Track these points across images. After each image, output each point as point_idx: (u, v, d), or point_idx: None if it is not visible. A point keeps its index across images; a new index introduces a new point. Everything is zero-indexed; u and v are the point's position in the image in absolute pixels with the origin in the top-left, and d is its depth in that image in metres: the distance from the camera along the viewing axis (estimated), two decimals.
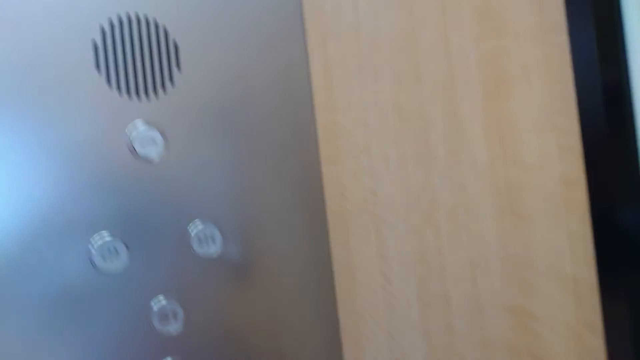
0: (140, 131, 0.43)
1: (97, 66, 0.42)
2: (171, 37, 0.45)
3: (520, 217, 0.26)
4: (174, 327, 0.45)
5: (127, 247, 0.44)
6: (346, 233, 0.45)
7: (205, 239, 0.46)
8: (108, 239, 0.43)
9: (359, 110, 0.42)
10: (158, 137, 0.44)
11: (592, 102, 0.21)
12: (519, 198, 0.26)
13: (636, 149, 0.22)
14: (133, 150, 0.43)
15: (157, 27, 0.44)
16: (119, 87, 0.43)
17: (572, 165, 0.23)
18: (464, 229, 0.31)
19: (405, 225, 0.36)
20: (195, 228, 0.45)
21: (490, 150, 0.28)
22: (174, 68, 0.45)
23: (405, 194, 0.37)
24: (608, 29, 0.19)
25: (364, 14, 0.39)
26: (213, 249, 0.46)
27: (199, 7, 0.46)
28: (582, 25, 0.20)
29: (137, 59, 0.44)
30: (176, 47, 0.45)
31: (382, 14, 0.37)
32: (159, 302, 0.44)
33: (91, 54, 0.42)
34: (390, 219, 0.38)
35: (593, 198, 0.22)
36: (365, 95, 0.40)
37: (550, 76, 0.24)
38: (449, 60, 0.31)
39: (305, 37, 0.49)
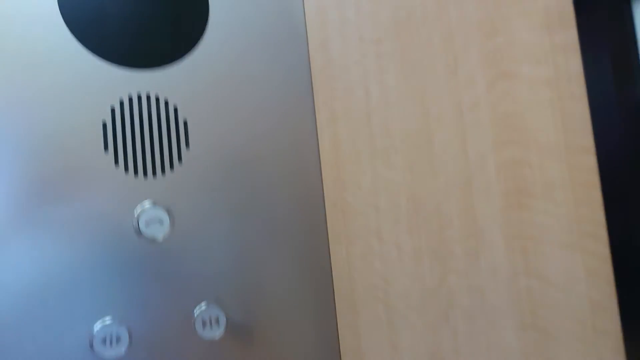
0: (146, 211, 0.42)
1: (106, 147, 0.42)
2: (181, 115, 0.45)
3: (544, 334, 0.25)
4: None
5: (129, 331, 0.42)
6: (355, 317, 0.43)
7: (210, 321, 0.45)
8: (109, 323, 0.41)
9: (370, 192, 0.41)
10: (164, 217, 0.43)
11: (625, 231, 0.20)
12: (543, 314, 0.25)
13: None
14: (138, 231, 0.42)
15: (167, 105, 0.44)
16: (126, 167, 0.42)
17: (601, 290, 0.22)
18: (482, 335, 0.29)
19: (419, 319, 0.35)
20: (200, 310, 0.44)
21: (511, 260, 0.27)
22: (183, 146, 0.44)
23: (420, 287, 0.35)
24: None
25: (376, 101, 0.39)
26: (217, 332, 0.45)
27: (210, 86, 0.46)
28: (613, 151, 0.19)
29: (145, 139, 0.43)
30: (186, 125, 0.44)
31: (395, 106, 0.36)
32: None
33: (100, 134, 0.42)
34: (404, 310, 0.37)
35: (627, 329, 0.21)
36: (377, 180, 0.39)
37: (576, 197, 0.23)
38: (467, 162, 0.30)
39: (315, 116, 0.48)
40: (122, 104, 0.43)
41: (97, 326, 0.41)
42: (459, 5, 0.29)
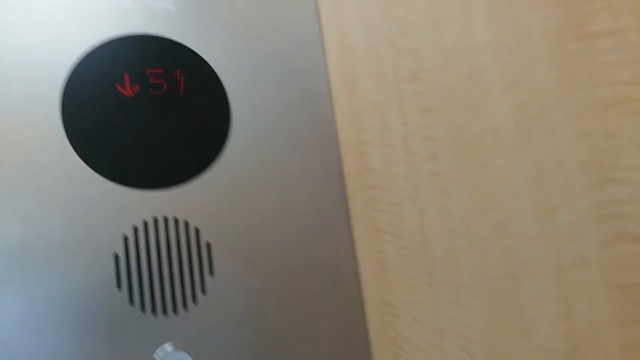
0: (168, 356, 0.36)
1: (118, 284, 0.36)
2: (203, 238, 0.39)
3: None
4: None
5: None
6: None
7: None
8: None
9: (431, 330, 0.35)
10: None
11: None
12: None
13: None
14: None
15: (187, 228, 0.39)
16: (143, 307, 0.36)
17: None
18: None
19: None
20: None
21: None
22: (206, 274, 0.38)
23: None
24: None
25: (434, 227, 0.33)
26: None
27: (234, 202, 0.40)
28: None
29: (163, 270, 0.37)
30: (209, 249, 0.39)
31: (463, 238, 0.31)
32: None
33: (112, 268, 0.36)
34: None
35: None
36: (440, 318, 0.34)
37: None
38: (572, 330, 0.24)
39: (351, 227, 0.43)
40: (135, 230, 0.37)
41: None
42: (549, 135, 0.24)
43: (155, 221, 0.38)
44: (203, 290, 0.38)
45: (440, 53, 0.32)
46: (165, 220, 0.38)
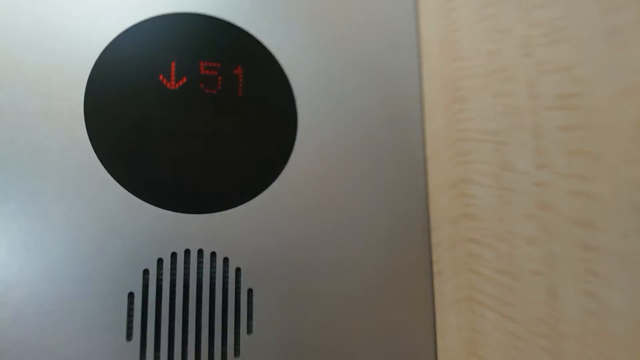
0: None
1: (129, 334, 0.27)
2: (245, 281, 0.30)
3: None
4: None
5: None
6: None
7: None
8: None
9: None
10: None
11: None
12: None
13: None
14: None
15: (226, 266, 0.30)
16: None
17: None
18: None
19: None
20: None
21: None
22: (243, 330, 0.29)
23: None
24: None
25: (568, 304, 0.23)
26: None
27: (285, 240, 0.31)
28: None
29: (190, 319, 0.28)
30: (250, 297, 0.30)
31: (623, 332, 0.21)
32: None
33: (124, 312, 0.27)
34: None
35: None
36: None
37: None
38: None
39: (432, 291, 0.33)
40: (160, 264, 0.29)
41: None
42: None
43: (187, 254, 0.29)
44: (236, 351, 0.29)
45: (616, 74, 0.22)
46: (200, 253, 0.29)
